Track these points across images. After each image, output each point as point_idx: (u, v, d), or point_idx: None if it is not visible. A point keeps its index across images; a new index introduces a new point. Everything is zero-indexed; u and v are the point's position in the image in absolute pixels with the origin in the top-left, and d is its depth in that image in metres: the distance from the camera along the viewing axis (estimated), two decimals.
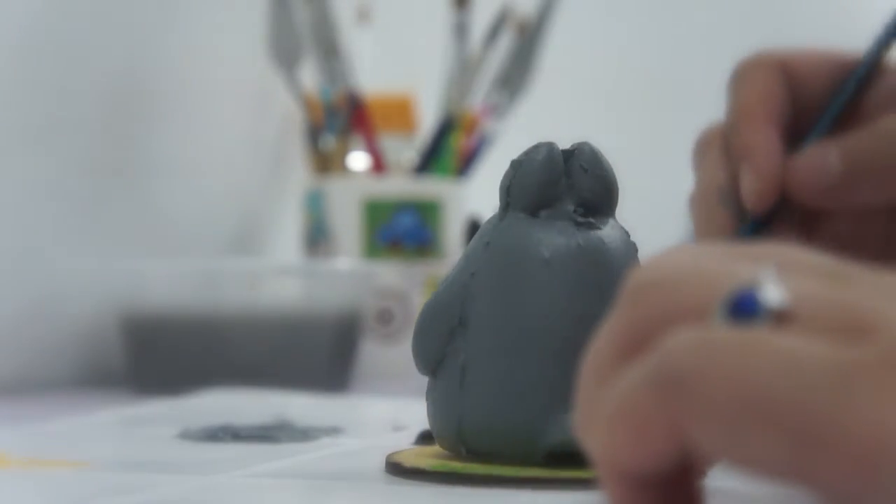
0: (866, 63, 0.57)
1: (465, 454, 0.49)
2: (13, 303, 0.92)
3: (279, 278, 0.98)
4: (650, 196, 1.38)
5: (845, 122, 0.56)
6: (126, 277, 0.93)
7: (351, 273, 0.99)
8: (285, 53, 1.10)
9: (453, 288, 0.49)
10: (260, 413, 0.66)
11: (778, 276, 0.30)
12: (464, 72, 1.13)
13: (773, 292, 0.29)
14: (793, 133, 0.57)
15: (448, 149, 1.13)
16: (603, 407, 0.30)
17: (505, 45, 1.15)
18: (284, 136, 1.22)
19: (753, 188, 0.55)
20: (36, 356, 0.94)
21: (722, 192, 0.56)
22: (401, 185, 1.10)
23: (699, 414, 0.28)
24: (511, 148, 0.53)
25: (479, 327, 0.48)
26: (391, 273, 1.06)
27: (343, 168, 1.12)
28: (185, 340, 0.90)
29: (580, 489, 0.45)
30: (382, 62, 1.18)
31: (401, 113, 1.19)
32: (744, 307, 0.29)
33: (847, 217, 0.57)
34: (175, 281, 0.92)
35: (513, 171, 0.50)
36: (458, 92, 1.13)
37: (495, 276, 0.48)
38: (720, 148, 0.57)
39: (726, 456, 0.28)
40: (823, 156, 0.55)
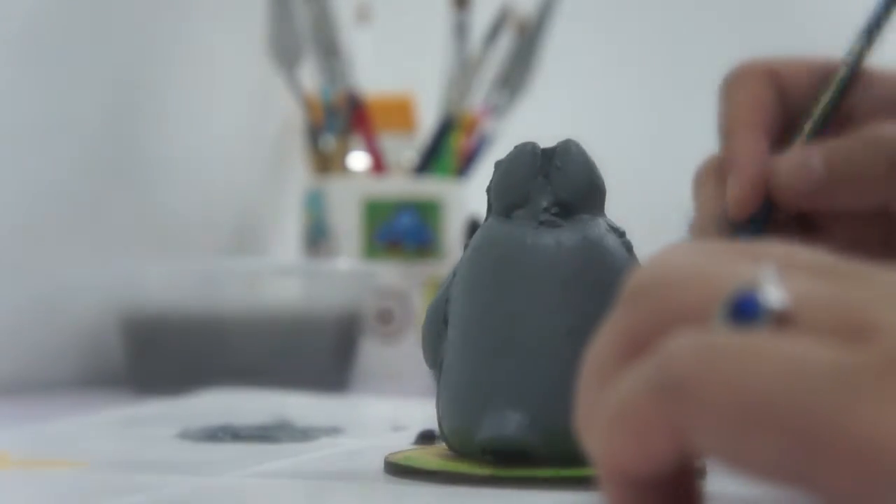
0: (846, 68, 0.57)
1: (452, 453, 0.49)
2: (14, 303, 0.92)
3: (279, 278, 0.98)
4: (650, 195, 1.38)
5: (832, 130, 0.56)
6: (126, 277, 0.93)
7: (351, 273, 0.99)
8: (285, 53, 1.10)
9: (442, 289, 0.51)
10: (259, 413, 0.66)
11: (778, 277, 0.30)
12: (464, 72, 1.13)
13: (774, 294, 0.29)
14: (782, 141, 0.57)
15: (448, 149, 1.13)
16: (603, 409, 0.30)
17: (505, 45, 1.15)
18: (284, 136, 1.22)
19: (735, 194, 0.55)
20: (36, 356, 0.94)
21: (718, 221, 0.56)
22: (401, 185, 1.10)
23: (700, 418, 0.28)
24: (511, 148, 0.53)
25: (453, 327, 0.49)
26: (391, 273, 1.06)
27: (343, 168, 1.12)
28: (185, 340, 0.90)
29: (579, 489, 0.45)
30: (382, 62, 1.18)
31: (401, 113, 1.19)
32: (745, 309, 0.29)
33: (845, 227, 0.57)
34: (175, 281, 0.92)
35: (493, 173, 0.50)
36: (458, 92, 1.13)
37: (463, 277, 0.49)
38: (717, 177, 0.57)
39: (727, 459, 0.28)
40: (806, 158, 0.55)
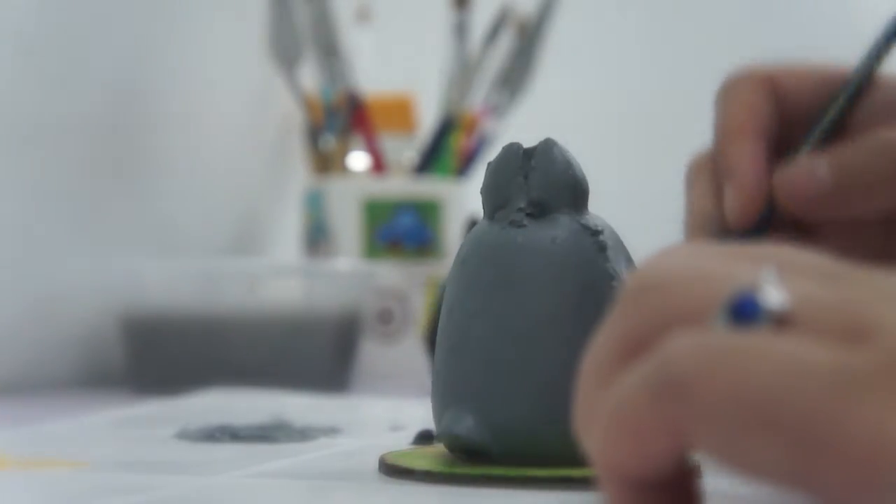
0: (858, 77, 0.56)
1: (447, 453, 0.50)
2: (13, 303, 0.92)
3: (279, 278, 0.98)
4: (649, 195, 1.38)
5: (834, 137, 0.56)
6: (126, 277, 0.93)
7: (351, 273, 0.99)
8: (285, 53, 1.10)
9: (440, 290, 0.51)
10: (258, 413, 0.66)
11: (778, 278, 0.30)
12: (464, 72, 1.13)
13: (774, 295, 0.29)
14: (779, 148, 0.56)
15: (448, 149, 1.13)
16: (602, 409, 0.30)
17: (505, 45, 1.15)
18: (284, 136, 1.22)
19: (735, 204, 0.55)
20: (36, 356, 0.94)
21: (710, 218, 0.56)
22: (401, 185, 1.10)
23: (699, 418, 0.28)
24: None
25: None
26: (391, 273, 1.06)
27: (343, 168, 1.12)
28: (185, 340, 0.90)
29: (574, 490, 0.45)
30: (382, 62, 1.18)
31: (401, 113, 1.19)
32: (744, 310, 0.29)
33: (841, 234, 0.56)
34: (175, 281, 0.92)
35: (484, 174, 0.51)
36: (458, 92, 1.13)
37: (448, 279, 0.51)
38: (709, 173, 0.57)
39: (727, 460, 0.28)
40: (813, 166, 0.55)
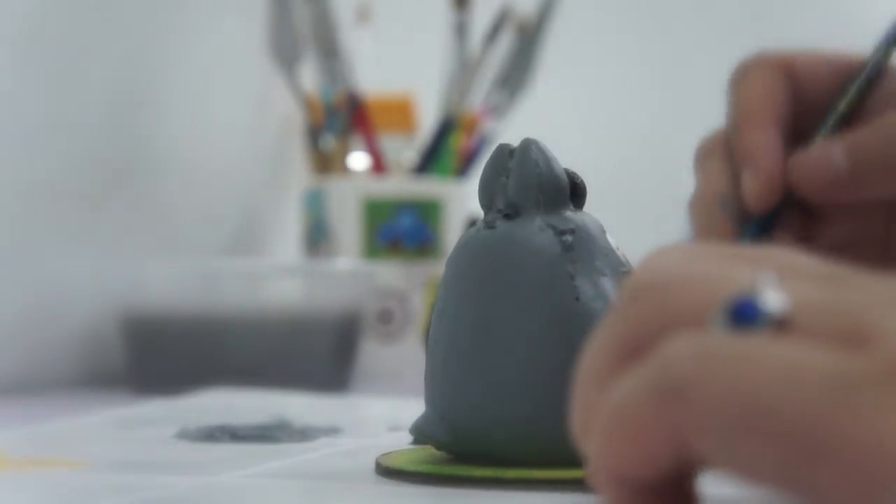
0: (872, 64, 0.56)
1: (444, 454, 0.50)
2: (13, 303, 0.92)
3: (279, 278, 0.98)
4: (649, 196, 1.38)
5: (849, 123, 0.56)
6: (126, 277, 0.93)
7: (351, 273, 0.99)
8: (285, 53, 1.10)
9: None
10: (258, 413, 0.66)
11: (777, 282, 0.30)
12: (464, 72, 1.13)
13: (773, 298, 0.29)
14: (794, 134, 0.56)
15: (448, 149, 1.13)
16: (600, 412, 0.30)
17: (505, 45, 1.15)
18: (284, 136, 1.22)
19: (754, 188, 0.55)
20: (36, 356, 0.94)
21: (723, 198, 0.56)
22: (401, 185, 1.10)
23: (698, 422, 0.28)
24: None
25: None
26: (391, 273, 1.06)
27: (343, 168, 1.12)
28: (185, 340, 0.90)
29: (568, 491, 0.45)
30: (382, 62, 1.18)
31: (401, 113, 1.19)
32: (744, 313, 0.29)
33: (845, 218, 0.57)
34: (175, 281, 0.92)
35: None
36: (458, 92, 1.13)
37: None
38: (722, 153, 0.57)
39: (725, 464, 0.28)
40: (828, 151, 0.55)
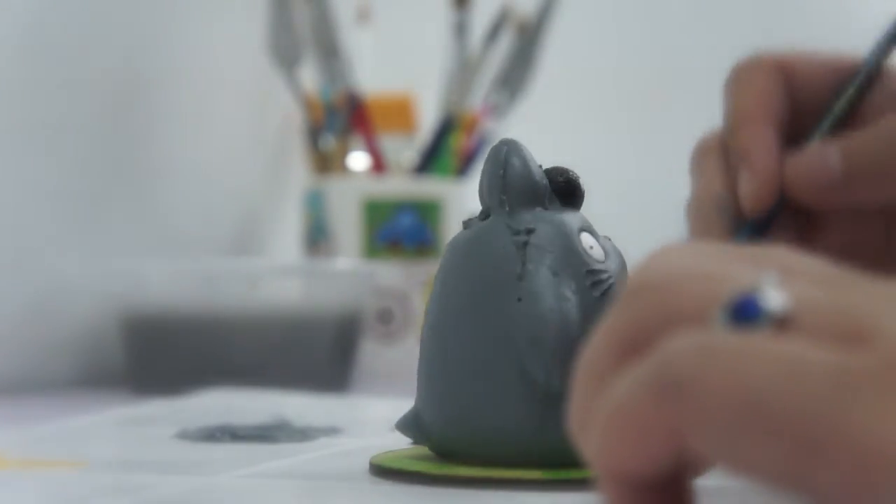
0: (869, 65, 0.56)
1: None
2: (13, 303, 0.92)
3: (279, 278, 0.98)
4: (648, 194, 1.38)
5: (845, 125, 0.56)
6: (126, 277, 0.93)
7: (351, 273, 0.99)
8: (285, 53, 1.10)
9: None
10: (258, 413, 0.66)
11: (779, 280, 0.30)
12: (464, 72, 1.13)
13: (775, 297, 0.29)
14: (791, 136, 0.56)
15: (448, 149, 1.13)
16: (600, 409, 0.30)
17: (505, 45, 1.15)
18: (284, 136, 1.22)
19: (750, 190, 0.55)
20: (36, 356, 0.94)
21: (719, 199, 0.55)
22: (401, 185, 1.10)
23: (698, 420, 0.28)
24: None
25: None
26: (391, 273, 1.06)
27: (343, 168, 1.12)
28: (185, 340, 0.90)
29: (563, 491, 0.45)
30: (382, 62, 1.18)
31: (401, 113, 1.19)
32: (745, 312, 0.29)
33: (844, 224, 0.56)
34: (175, 281, 0.92)
35: None
36: (458, 92, 1.13)
37: None
38: (718, 155, 0.56)
39: (725, 462, 0.28)
40: (823, 154, 0.54)
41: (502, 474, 0.47)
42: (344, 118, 1.12)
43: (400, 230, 1.08)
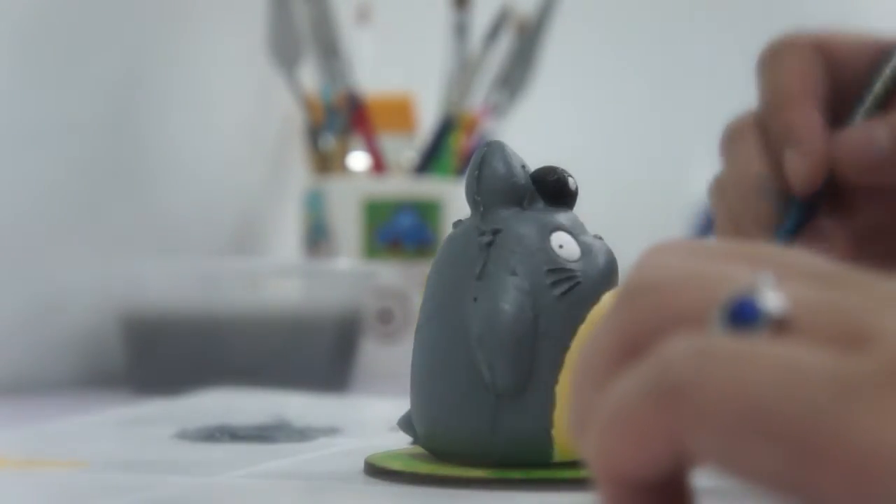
0: None
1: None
2: (13, 303, 0.92)
3: (279, 278, 0.98)
4: (648, 195, 1.38)
5: (886, 104, 0.55)
6: (126, 277, 0.93)
7: (351, 273, 0.99)
8: (285, 53, 1.10)
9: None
10: (258, 413, 0.66)
11: (777, 282, 0.29)
12: (464, 72, 1.13)
13: (773, 299, 0.29)
14: (831, 116, 0.55)
15: (448, 149, 1.13)
16: (598, 412, 0.30)
17: (505, 45, 1.15)
18: (284, 136, 1.22)
19: (801, 169, 0.52)
20: (36, 356, 0.94)
21: (761, 180, 0.54)
22: (401, 185, 1.10)
23: (697, 423, 0.28)
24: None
25: None
26: (391, 273, 1.06)
27: (343, 168, 1.12)
28: (185, 340, 0.90)
29: (555, 491, 0.45)
30: (382, 62, 1.18)
31: (401, 113, 1.19)
32: (743, 314, 0.29)
33: (877, 207, 0.55)
34: (175, 281, 0.92)
35: None
36: (458, 92, 1.13)
37: None
38: (755, 136, 0.55)
39: (724, 465, 0.28)
40: (871, 131, 0.53)
41: (490, 474, 0.47)
42: (344, 118, 1.12)
43: (400, 230, 1.08)
